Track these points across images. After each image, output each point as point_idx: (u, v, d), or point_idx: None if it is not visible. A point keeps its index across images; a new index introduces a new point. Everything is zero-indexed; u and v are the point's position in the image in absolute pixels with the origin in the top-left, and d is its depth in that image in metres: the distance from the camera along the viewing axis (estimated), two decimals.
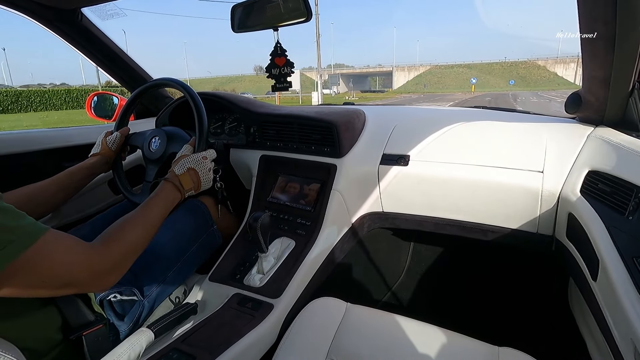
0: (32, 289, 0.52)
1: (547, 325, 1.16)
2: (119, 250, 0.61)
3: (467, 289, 1.37)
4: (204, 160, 0.88)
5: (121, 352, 0.65)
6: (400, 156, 1.05)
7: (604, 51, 0.75)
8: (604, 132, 0.91)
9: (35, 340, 0.59)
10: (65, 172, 0.89)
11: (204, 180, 0.88)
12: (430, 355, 0.68)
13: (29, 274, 0.49)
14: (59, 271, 0.52)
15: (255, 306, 0.81)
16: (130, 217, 0.68)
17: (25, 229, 0.49)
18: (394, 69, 70.33)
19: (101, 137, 1.01)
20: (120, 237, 0.63)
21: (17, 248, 0.47)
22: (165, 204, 0.76)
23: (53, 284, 0.53)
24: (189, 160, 0.86)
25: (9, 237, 0.46)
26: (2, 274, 0.46)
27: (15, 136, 1.17)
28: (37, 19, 1.14)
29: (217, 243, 1.04)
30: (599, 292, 0.65)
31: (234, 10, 1.01)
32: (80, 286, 0.57)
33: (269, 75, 1.02)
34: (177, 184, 0.81)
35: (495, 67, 65.87)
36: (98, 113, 1.52)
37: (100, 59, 1.33)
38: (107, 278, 0.60)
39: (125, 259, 0.63)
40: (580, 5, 0.72)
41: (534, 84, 57.72)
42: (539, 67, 62.66)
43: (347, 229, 1.10)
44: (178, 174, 0.83)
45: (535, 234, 0.95)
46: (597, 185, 0.76)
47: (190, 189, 0.84)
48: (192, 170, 0.85)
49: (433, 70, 69.87)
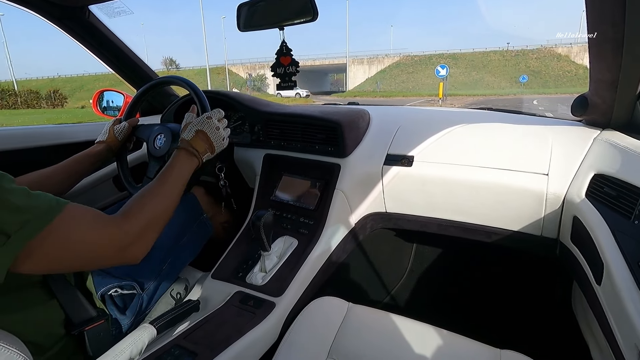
0: (56, 266, 0.53)
1: (549, 328, 1.15)
2: (139, 222, 0.61)
3: (469, 291, 1.36)
4: (209, 121, 0.86)
5: (123, 348, 0.65)
6: (404, 157, 1.05)
7: (612, 53, 0.74)
8: (610, 135, 0.90)
9: (39, 335, 0.60)
10: (71, 158, 0.89)
11: (215, 140, 0.85)
12: (431, 357, 0.68)
13: (48, 251, 0.50)
14: (80, 248, 0.53)
15: (257, 304, 0.81)
16: (148, 189, 0.68)
17: (40, 208, 0.49)
18: (348, 62, 43.37)
19: (109, 124, 1.00)
20: (139, 209, 0.63)
21: (33, 228, 0.47)
22: (181, 172, 0.75)
23: (78, 260, 0.54)
24: (194, 124, 0.84)
25: (25, 217, 0.47)
26: (22, 254, 0.46)
27: (23, 132, 1.18)
28: (45, 16, 1.15)
29: (208, 232, 1.04)
30: (603, 296, 0.64)
31: (240, 9, 1.01)
32: (107, 260, 0.57)
33: (274, 74, 1.02)
34: (190, 149, 0.79)
35: (494, 59, 40.09)
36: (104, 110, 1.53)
37: (107, 56, 1.34)
38: (132, 250, 0.60)
39: (149, 230, 0.62)
40: (588, 6, 0.71)
41: (553, 82, 34.59)
42: (559, 57, 37.46)
43: (350, 229, 1.10)
44: (188, 139, 0.81)
45: (539, 236, 0.94)
46: (602, 189, 0.76)
47: (205, 151, 0.82)
48: (200, 133, 0.83)
49: (402, 63, 43.73)
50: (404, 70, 43.17)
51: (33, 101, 24.89)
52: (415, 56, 44.56)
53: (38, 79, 54.11)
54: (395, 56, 45.39)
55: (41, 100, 25.29)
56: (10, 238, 0.45)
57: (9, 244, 0.45)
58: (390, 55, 45.22)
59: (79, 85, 47.69)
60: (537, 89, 31.74)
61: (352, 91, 40.36)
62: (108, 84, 6.34)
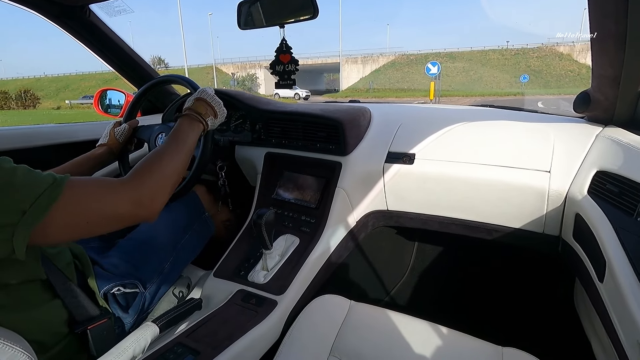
0: (79, 231, 0.55)
1: (551, 326, 1.15)
2: (150, 182, 0.63)
3: (471, 289, 1.36)
4: (204, 90, 0.89)
5: (127, 346, 0.65)
6: (405, 154, 1.04)
7: (614, 49, 0.74)
8: (613, 132, 0.90)
9: (42, 333, 0.60)
10: (72, 162, 0.90)
11: (215, 105, 0.87)
12: (433, 354, 0.68)
13: (64, 220, 0.52)
14: (93, 211, 0.55)
15: (259, 302, 0.81)
16: (155, 152, 0.70)
17: (47, 181, 0.51)
18: (342, 62, 41.39)
19: (109, 127, 1.01)
20: (149, 169, 0.65)
21: (46, 201, 0.49)
22: (187, 135, 0.78)
23: (93, 224, 0.55)
24: (192, 96, 0.87)
25: (35, 192, 0.49)
26: (39, 227, 0.48)
27: (22, 131, 1.18)
28: (45, 15, 1.15)
29: (210, 231, 1.05)
30: (606, 294, 0.64)
31: (240, 7, 1.01)
32: (121, 219, 0.59)
33: (273, 72, 1.02)
34: (192, 113, 0.82)
35: (493, 57, 38.08)
36: (105, 109, 1.53)
37: (107, 55, 1.34)
38: (150, 202, 0.61)
39: (159, 189, 0.64)
40: (591, 2, 0.71)
41: (555, 83, 32.91)
42: (561, 55, 35.44)
43: (352, 227, 1.10)
44: (189, 106, 0.84)
45: (542, 234, 0.94)
46: (605, 186, 0.75)
47: (207, 113, 0.85)
48: (200, 100, 0.86)
49: (398, 62, 41.61)
50: (399, 70, 41.35)
51: (1, 102, 24.22)
52: (411, 55, 41.85)
53: (24, 78, 52.89)
54: (390, 55, 42.93)
55: (10, 100, 24.52)
56: (25, 214, 0.47)
57: (24, 220, 0.47)
58: (385, 54, 43.41)
59: (64, 85, 46.88)
60: (539, 90, 30.36)
61: (345, 91, 39.10)
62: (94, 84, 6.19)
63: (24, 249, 0.48)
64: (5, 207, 0.47)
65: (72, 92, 41.34)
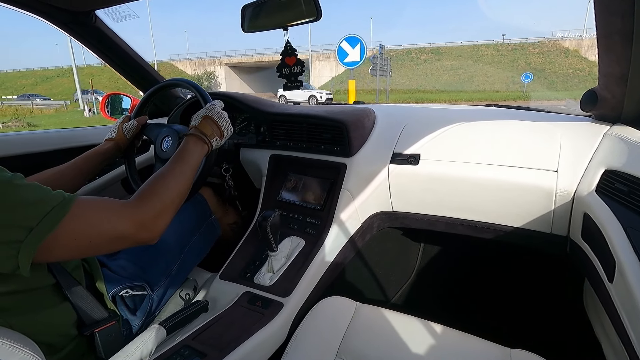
0: (82, 250, 0.55)
1: (560, 327, 1.14)
2: (154, 203, 0.63)
3: (478, 290, 1.35)
4: (213, 106, 0.88)
5: (134, 349, 0.66)
6: (410, 155, 1.04)
7: (621, 46, 0.73)
8: (620, 130, 0.88)
9: (51, 336, 0.61)
10: (82, 156, 0.91)
11: (222, 124, 0.87)
12: (440, 356, 0.67)
13: (69, 240, 0.52)
14: (98, 232, 0.55)
15: (265, 305, 0.82)
16: (159, 173, 0.70)
17: (56, 200, 0.52)
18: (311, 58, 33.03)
19: (119, 122, 1.01)
20: (152, 192, 0.65)
21: (52, 219, 0.50)
22: (192, 156, 0.77)
23: (97, 245, 0.56)
24: (200, 112, 0.87)
25: (43, 210, 0.50)
26: (44, 245, 0.49)
27: (33, 136, 1.20)
28: (52, 21, 1.16)
29: (216, 233, 1.05)
30: (615, 294, 0.63)
31: (244, 10, 1.02)
32: (130, 238, 0.59)
33: (280, 74, 1.02)
34: (198, 134, 0.82)
35: (486, 53, 31.73)
36: (112, 113, 1.55)
37: (114, 60, 1.36)
38: (153, 224, 0.62)
39: (162, 212, 0.64)
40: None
41: (562, 83, 27.09)
42: (567, 52, 29.35)
43: (357, 229, 1.10)
44: (196, 125, 0.84)
45: (549, 234, 0.93)
46: (613, 185, 0.74)
47: (212, 134, 0.84)
48: (207, 118, 0.85)
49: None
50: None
51: None
52: (391, 50, 33.92)
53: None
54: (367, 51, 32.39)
55: None
56: (31, 231, 0.48)
57: (30, 238, 0.48)
58: None
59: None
60: (542, 92, 24.83)
61: None
62: (33, 81, 6.02)
63: (28, 266, 0.49)
64: (13, 224, 0.47)
65: (7, 91, 36.37)
